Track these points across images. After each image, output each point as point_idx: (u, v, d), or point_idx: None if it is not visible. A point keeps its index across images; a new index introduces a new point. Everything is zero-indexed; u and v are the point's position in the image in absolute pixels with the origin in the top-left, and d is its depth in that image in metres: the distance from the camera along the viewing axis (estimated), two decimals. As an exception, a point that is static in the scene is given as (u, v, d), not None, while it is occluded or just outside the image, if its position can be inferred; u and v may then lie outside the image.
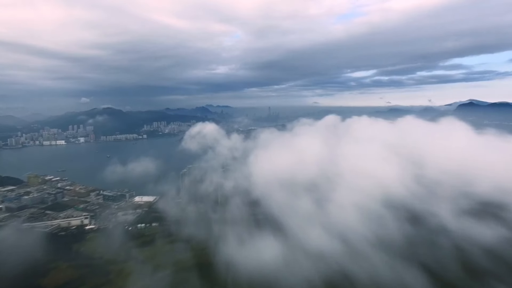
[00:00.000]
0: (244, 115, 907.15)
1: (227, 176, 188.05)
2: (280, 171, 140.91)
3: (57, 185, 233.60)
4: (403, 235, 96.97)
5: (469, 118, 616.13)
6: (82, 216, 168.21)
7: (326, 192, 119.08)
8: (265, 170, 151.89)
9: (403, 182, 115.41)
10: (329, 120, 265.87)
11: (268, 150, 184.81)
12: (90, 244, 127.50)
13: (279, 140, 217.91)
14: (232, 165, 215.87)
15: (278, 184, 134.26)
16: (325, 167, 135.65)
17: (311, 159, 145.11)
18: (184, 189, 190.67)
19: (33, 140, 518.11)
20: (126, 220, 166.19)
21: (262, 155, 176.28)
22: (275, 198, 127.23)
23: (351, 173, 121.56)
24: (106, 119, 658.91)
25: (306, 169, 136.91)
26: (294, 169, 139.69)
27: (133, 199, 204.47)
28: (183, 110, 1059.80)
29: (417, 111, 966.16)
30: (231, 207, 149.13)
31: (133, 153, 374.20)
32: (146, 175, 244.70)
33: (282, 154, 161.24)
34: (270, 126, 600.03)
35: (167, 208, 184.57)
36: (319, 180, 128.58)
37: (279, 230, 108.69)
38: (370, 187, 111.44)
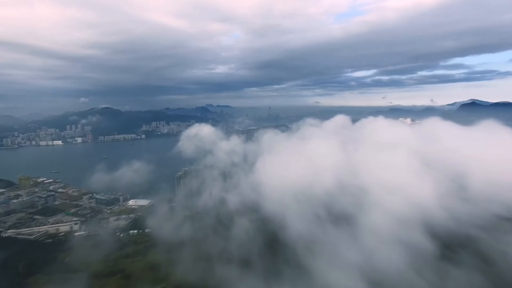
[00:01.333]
0: (244, 115, 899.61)
1: (227, 185, 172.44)
2: (291, 182, 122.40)
3: (49, 188, 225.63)
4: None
5: (471, 118, 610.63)
6: (72, 221, 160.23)
7: (350, 213, 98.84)
8: (272, 179, 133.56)
9: (444, 199, 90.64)
10: (338, 120, 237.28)
11: (274, 154, 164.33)
12: (77, 253, 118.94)
13: (285, 143, 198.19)
14: (233, 172, 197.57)
15: (290, 199, 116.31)
16: (345, 178, 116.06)
17: (327, 167, 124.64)
18: (180, 194, 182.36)
19: (29, 140, 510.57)
20: (118, 226, 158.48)
21: (268, 161, 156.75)
22: (287, 219, 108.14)
23: (377, 188, 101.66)
24: (104, 119, 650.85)
25: (322, 181, 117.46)
26: (308, 179, 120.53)
27: (127, 202, 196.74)
28: (183, 110, 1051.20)
29: (419, 111, 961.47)
30: (232, 224, 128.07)
31: (130, 154, 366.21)
32: (141, 177, 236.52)
33: (291, 160, 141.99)
34: (271, 126, 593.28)
35: (161, 213, 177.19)
36: (340, 196, 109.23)
37: (294, 266, 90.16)
38: (405, 207, 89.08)
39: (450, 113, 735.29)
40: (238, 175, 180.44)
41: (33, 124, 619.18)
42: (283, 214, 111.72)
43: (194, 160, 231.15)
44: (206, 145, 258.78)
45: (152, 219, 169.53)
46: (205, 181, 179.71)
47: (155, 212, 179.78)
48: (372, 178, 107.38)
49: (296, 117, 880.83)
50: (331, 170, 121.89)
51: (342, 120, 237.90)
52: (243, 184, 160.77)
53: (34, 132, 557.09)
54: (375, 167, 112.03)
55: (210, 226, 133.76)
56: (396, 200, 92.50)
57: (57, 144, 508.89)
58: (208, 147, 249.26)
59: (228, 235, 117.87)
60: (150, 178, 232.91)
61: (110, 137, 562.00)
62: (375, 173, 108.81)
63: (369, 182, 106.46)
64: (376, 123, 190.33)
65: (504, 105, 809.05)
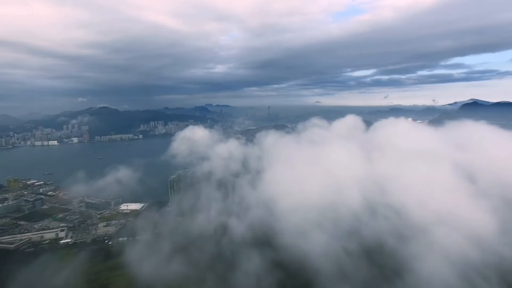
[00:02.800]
0: (244, 115, 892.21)
1: (227, 201, 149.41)
2: (308, 199, 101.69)
3: (38, 191, 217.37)
4: None
5: (473, 118, 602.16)
6: (58, 228, 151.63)
7: (388, 247, 79.00)
8: (283, 196, 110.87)
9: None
10: (349, 121, 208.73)
11: (282, 162, 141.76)
12: (58, 265, 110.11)
13: (292, 147, 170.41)
14: (233, 182, 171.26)
15: (309, 224, 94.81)
16: (374, 196, 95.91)
17: (349, 181, 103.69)
18: (173, 201, 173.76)
19: (24, 140, 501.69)
20: (107, 233, 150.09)
21: (276, 171, 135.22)
22: (307, 254, 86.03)
23: (417, 210, 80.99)
24: (101, 118, 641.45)
25: (346, 199, 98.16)
26: (329, 196, 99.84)
27: (119, 207, 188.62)
28: (182, 109, 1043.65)
29: (419, 111, 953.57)
30: (234, 259, 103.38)
31: (126, 155, 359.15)
32: (135, 179, 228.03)
33: (305, 170, 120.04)
34: (270, 126, 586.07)
35: (153, 219, 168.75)
36: (372, 221, 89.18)
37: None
38: (459, 241, 69.57)
39: (452, 113, 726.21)
40: (240, 187, 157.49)
41: (29, 124, 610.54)
42: (301, 248, 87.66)
43: (188, 164, 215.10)
44: (201, 149, 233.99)
45: (143, 225, 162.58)
46: (200, 192, 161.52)
47: (147, 218, 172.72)
48: (408, 197, 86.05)
49: (295, 116, 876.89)
50: (356, 185, 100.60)
51: (353, 121, 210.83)
52: (247, 200, 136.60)
53: (30, 132, 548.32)
54: (410, 182, 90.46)
55: (205, 262, 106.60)
56: (446, 233, 71.03)
57: (53, 144, 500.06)
58: (204, 151, 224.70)
59: (229, 277, 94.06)
60: (144, 180, 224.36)
61: (107, 137, 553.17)
62: (411, 190, 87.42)
63: (405, 202, 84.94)
64: (397, 125, 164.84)
65: (505, 105, 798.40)
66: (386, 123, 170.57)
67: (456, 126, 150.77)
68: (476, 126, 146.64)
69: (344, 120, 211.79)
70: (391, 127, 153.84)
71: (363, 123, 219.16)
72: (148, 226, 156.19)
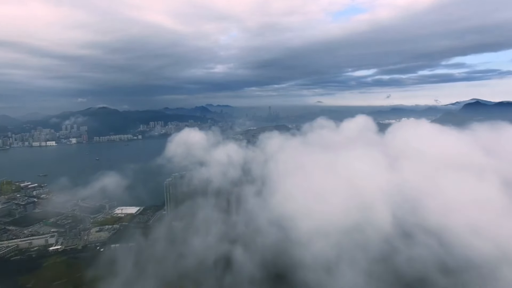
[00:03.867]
0: (244, 115, 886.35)
1: (228, 217, 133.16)
2: (329, 218, 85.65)
3: (32, 193, 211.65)
4: None
5: (476, 118, 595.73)
6: (49, 233, 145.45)
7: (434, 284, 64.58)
8: (298, 212, 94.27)
9: None
10: (360, 122, 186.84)
11: (291, 168, 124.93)
12: (43, 276, 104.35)
13: (301, 151, 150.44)
14: (235, 193, 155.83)
15: (333, 250, 79.25)
16: (406, 214, 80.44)
17: (373, 193, 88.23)
18: (169, 204, 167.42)
19: (22, 141, 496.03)
20: (99, 238, 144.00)
21: (287, 180, 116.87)
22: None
23: (464, 235, 65.89)
24: (100, 119, 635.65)
25: (375, 218, 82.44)
26: (353, 215, 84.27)
27: (113, 210, 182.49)
28: (182, 109, 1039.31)
29: (421, 111, 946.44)
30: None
31: (123, 156, 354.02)
32: (131, 182, 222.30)
33: (321, 180, 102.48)
34: (271, 126, 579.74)
35: (148, 224, 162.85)
36: (408, 247, 73.88)
37: None
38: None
39: (455, 113, 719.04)
40: (243, 200, 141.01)
41: (28, 124, 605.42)
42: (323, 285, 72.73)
43: (184, 168, 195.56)
44: (198, 152, 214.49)
45: (138, 230, 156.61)
46: (197, 206, 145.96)
47: (142, 222, 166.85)
48: (452, 218, 70.04)
49: (296, 117, 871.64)
50: (383, 201, 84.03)
51: (364, 122, 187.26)
52: (253, 220, 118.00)
53: (28, 132, 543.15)
54: (452, 198, 74.68)
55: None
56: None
57: (50, 144, 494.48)
58: (201, 155, 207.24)
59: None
60: (141, 183, 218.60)
61: (106, 138, 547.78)
62: (455, 210, 71.31)
63: (448, 225, 68.86)
64: (417, 126, 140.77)
65: (508, 104, 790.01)
66: (404, 124, 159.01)
67: (481, 128, 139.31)
68: (503, 128, 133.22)
69: (353, 121, 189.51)
70: (411, 129, 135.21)
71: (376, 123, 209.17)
72: (142, 233, 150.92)
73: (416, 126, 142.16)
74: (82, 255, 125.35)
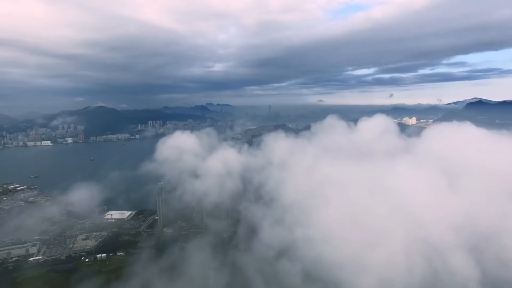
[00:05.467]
0: (244, 114, 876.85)
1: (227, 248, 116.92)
2: (380, 266, 63.60)
3: (19, 196, 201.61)
4: None
5: (479, 117, 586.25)
6: (31, 241, 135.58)
7: None
8: (331, 251, 71.80)
9: None
10: (379, 123, 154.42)
11: (310, 183, 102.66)
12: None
13: (317, 159, 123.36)
14: (238, 215, 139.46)
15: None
16: (488, 259, 59.67)
17: (437, 224, 65.39)
18: (161, 208, 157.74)
19: (17, 141, 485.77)
20: (85, 247, 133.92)
21: (306, 200, 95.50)
22: None
23: None
24: (98, 118, 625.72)
25: (449, 262, 59.90)
26: (417, 260, 61.75)
27: (104, 215, 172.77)
28: (181, 108, 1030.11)
29: (423, 110, 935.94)
30: None
31: (119, 157, 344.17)
32: (123, 184, 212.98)
33: (358, 203, 79.39)
34: (271, 125, 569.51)
35: (139, 231, 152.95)
36: None
37: None
38: None
39: (458, 112, 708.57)
40: (247, 223, 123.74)
41: (24, 124, 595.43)
42: None
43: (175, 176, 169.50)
44: (189, 161, 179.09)
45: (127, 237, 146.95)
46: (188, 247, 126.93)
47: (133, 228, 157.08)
48: None
49: (296, 116, 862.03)
50: (454, 235, 61.09)
51: (383, 123, 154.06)
52: (264, 254, 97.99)
53: (24, 131, 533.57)
54: None
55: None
56: None
57: (46, 144, 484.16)
58: (192, 165, 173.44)
59: None
60: (133, 186, 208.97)
61: (103, 137, 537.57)
62: None
63: None
64: (459, 130, 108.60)
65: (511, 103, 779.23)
66: (443, 127, 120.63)
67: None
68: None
69: (371, 121, 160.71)
70: (455, 134, 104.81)
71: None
72: (131, 241, 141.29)
73: (460, 130, 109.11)
74: (64, 267, 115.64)
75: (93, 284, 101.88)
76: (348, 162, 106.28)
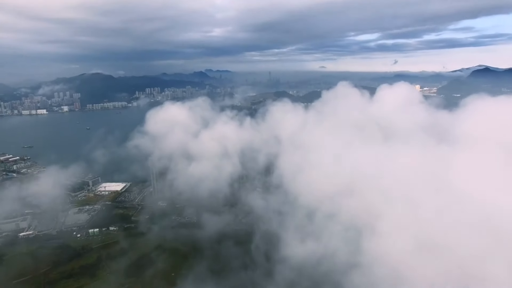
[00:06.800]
0: (244, 80, 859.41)
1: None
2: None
3: (12, 168, 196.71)
4: None
5: (484, 85, 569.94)
6: (22, 216, 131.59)
7: None
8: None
9: None
10: (404, 91, 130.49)
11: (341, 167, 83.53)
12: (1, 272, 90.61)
13: (336, 135, 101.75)
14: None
15: None
16: None
17: None
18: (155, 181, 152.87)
19: (11, 110, 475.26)
20: (77, 221, 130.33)
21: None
22: None
23: None
24: (94, 85, 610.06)
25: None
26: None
27: (98, 186, 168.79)
28: (180, 75, 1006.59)
29: (427, 77, 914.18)
30: None
31: (115, 125, 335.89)
32: (119, 154, 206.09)
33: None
34: (271, 92, 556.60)
35: (133, 204, 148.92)
36: None
37: None
38: None
39: (462, 80, 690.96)
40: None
41: (19, 92, 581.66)
42: None
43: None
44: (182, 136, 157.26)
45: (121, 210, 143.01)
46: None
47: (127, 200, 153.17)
48: None
49: (297, 82, 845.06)
50: None
51: (406, 92, 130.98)
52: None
53: (19, 100, 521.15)
54: None
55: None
56: None
57: (41, 113, 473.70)
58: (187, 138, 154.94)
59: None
60: (129, 156, 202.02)
61: (99, 105, 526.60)
62: None
63: None
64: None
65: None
66: (488, 100, 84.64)
67: None
68: None
69: (391, 90, 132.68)
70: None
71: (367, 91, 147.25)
72: (125, 215, 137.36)
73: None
74: (54, 243, 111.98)
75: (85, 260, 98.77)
76: (378, 143, 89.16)
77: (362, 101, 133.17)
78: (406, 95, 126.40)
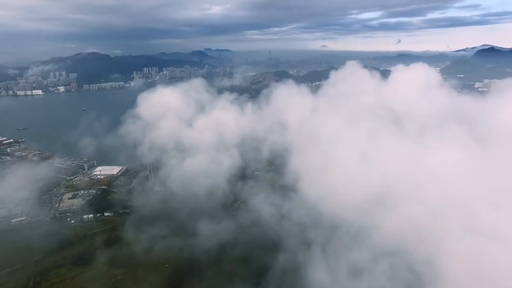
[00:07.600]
0: (244, 60, 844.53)
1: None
2: None
3: (6, 151, 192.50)
4: None
5: (489, 65, 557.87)
6: (15, 201, 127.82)
7: None
8: None
9: None
10: (422, 74, 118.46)
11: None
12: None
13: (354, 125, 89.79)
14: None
15: None
16: None
17: None
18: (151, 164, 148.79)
19: (6, 90, 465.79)
20: (71, 207, 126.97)
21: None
22: None
23: None
24: (91, 65, 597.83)
25: None
26: None
27: (93, 170, 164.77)
28: (179, 54, 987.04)
29: (430, 57, 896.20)
30: None
31: (112, 106, 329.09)
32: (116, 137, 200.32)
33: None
34: (271, 72, 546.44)
35: (129, 188, 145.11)
36: None
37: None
38: None
39: (466, 60, 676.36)
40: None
41: (14, 71, 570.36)
42: None
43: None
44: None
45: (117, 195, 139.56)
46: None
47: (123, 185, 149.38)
48: None
49: (297, 62, 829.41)
50: None
51: (426, 74, 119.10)
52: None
53: (14, 80, 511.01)
54: None
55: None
56: None
57: (37, 94, 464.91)
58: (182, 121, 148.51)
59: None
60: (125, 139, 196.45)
61: (96, 86, 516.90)
62: None
63: None
64: None
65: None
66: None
67: None
68: None
69: (408, 72, 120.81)
70: None
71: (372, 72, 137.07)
72: (120, 200, 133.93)
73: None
74: (47, 230, 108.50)
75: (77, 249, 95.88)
76: (407, 135, 76.14)
77: (375, 83, 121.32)
78: (425, 77, 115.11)
